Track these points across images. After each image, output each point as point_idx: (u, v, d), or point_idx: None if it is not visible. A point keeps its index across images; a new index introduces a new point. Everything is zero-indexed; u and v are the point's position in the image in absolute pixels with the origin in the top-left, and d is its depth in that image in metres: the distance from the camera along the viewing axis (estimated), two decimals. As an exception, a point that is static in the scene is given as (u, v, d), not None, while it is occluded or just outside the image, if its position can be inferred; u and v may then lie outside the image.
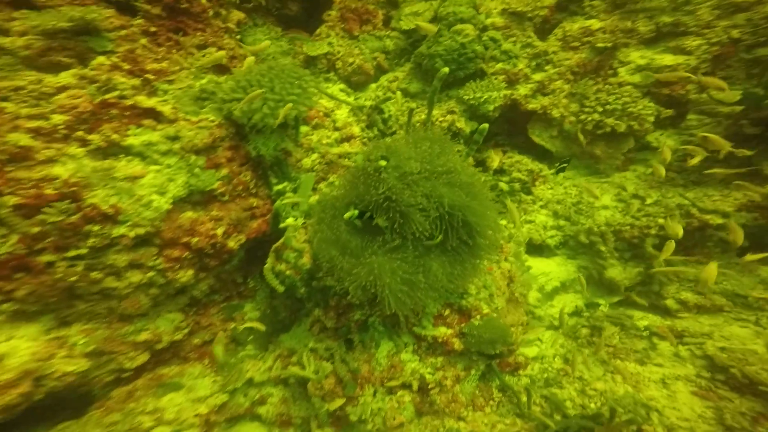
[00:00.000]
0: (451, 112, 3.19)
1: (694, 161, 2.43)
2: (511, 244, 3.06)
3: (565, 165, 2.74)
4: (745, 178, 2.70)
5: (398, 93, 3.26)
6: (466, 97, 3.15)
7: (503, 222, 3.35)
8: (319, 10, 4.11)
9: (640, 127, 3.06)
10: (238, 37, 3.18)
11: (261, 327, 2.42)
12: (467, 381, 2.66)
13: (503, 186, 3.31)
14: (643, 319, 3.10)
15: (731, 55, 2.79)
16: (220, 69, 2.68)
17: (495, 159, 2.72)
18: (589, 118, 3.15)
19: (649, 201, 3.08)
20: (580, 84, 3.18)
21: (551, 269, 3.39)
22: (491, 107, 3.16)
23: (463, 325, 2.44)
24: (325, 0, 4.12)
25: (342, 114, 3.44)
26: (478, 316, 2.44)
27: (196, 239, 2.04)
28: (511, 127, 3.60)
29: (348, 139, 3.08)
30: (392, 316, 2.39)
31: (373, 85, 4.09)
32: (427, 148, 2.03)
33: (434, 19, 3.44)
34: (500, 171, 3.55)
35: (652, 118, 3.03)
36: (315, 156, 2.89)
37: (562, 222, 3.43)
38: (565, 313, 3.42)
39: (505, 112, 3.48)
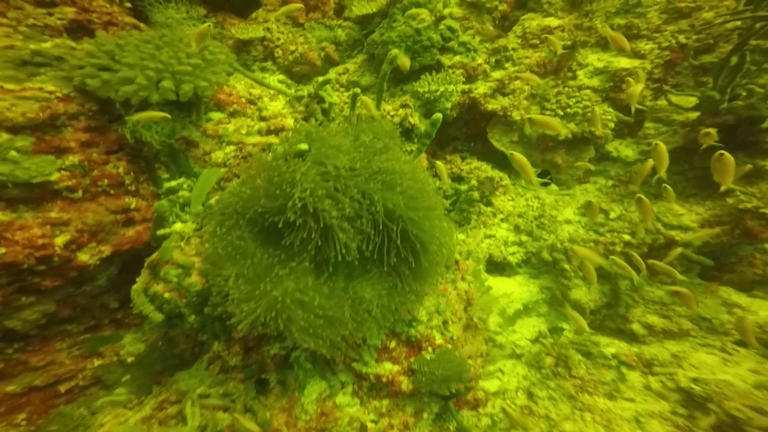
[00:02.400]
0: (405, 106, 2.77)
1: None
2: (469, 261, 2.64)
3: (547, 180, 2.49)
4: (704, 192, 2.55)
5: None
6: (421, 90, 2.75)
7: (462, 237, 2.96)
8: (259, -6, 3.58)
9: (602, 134, 2.85)
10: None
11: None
12: (418, 428, 2.14)
13: (476, 195, 2.91)
14: (610, 346, 2.80)
15: (680, 61, 2.70)
16: (83, 34, 2.03)
17: (443, 171, 2.22)
18: (551, 123, 2.88)
19: (612, 215, 2.85)
20: (540, 84, 2.93)
21: (513, 290, 3.02)
22: (449, 104, 2.79)
23: (412, 359, 1.95)
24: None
25: (276, 105, 2.87)
26: (429, 349, 1.97)
27: (2, 251, 1.33)
28: (470, 130, 3.27)
29: (277, 131, 2.51)
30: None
31: (320, 78, 3.60)
32: (368, 141, 1.55)
33: (388, 4, 3.06)
34: (458, 178, 3.18)
35: (612, 125, 2.84)
36: (230, 149, 2.28)
37: (524, 237, 3.10)
38: (527, 339, 3.07)
39: (463, 114, 3.14)
